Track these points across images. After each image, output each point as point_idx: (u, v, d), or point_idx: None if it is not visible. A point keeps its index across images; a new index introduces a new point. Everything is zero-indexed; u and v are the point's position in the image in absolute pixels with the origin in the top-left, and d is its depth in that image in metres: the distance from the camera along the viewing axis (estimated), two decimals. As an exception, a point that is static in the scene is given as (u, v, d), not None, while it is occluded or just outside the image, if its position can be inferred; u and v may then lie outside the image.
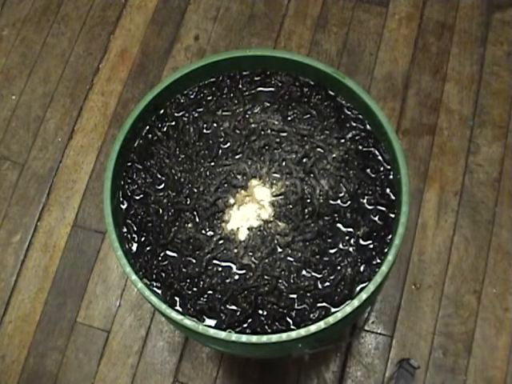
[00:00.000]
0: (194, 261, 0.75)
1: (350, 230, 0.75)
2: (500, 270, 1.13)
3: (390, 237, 0.74)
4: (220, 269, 0.74)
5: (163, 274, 0.75)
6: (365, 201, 0.76)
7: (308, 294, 0.72)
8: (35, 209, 1.24)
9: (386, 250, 0.74)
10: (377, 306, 1.12)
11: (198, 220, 0.77)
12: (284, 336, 0.66)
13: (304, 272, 0.74)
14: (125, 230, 0.77)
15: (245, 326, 0.72)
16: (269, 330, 0.71)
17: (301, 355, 0.75)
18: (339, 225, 0.75)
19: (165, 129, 0.82)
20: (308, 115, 0.81)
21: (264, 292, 0.72)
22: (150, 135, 0.82)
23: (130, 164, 0.81)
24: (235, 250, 0.75)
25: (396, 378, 1.05)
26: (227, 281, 0.73)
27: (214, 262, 0.75)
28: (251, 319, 0.72)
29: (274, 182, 0.77)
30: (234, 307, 0.73)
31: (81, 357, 1.13)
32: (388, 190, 0.77)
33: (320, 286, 0.73)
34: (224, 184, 0.78)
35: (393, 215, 0.75)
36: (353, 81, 0.78)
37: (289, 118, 0.81)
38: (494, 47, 1.29)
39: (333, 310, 0.72)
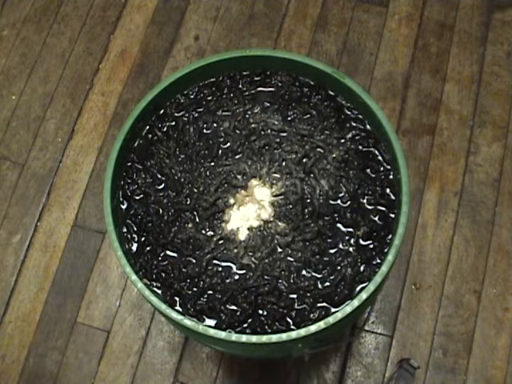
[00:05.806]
0: (194, 261, 0.75)
1: (350, 229, 0.75)
2: (500, 270, 1.13)
3: (389, 237, 0.74)
4: (220, 269, 0.74)
5: (163, 274, 0.75)
6: (365, 201, 0.76)
7: (308, 294, 0.72)
8: (35, 209, 1.24)
9: (385, 250, 0.74)
10: (377, 305, 1.12)
11: (198, 220, 0.77)
12: (284, 336, 0.66)
13: (304, 272, 0.74)
14: (125, 230, 0.77)
15: (245, 325, 0.72)
16: (269, 330, 0.71)
17: (301, 355, 0.75)
18: (339, 225, 0.75)
19: (165, 129, 0.82)
20: (308, 115, 0.81)
21: (264, 292, 0.72)
22: (150, 135, 0.82)
23: (130, 164, 0.81)
24: (235, 250, 0.74)
25: (396, 378, 1.05)
26: (227, 281, 0.73)
27: (214, 261, 0.75)
28: (251, 319, 0.72)
29: (274, 182, 0.77)
30: (234, 307, 0.73)
31: (81, 357, 1.13)
32: (388, 190, 0.77)
33: (320, 286, 0.73)
34: (224, 184, 0.78)
35: (393, 215, 0.75)
36: (353, 81, 0.78)
37: (289, 118, 0.81)
38: (494, 47, 1.29)
39: (333, 309, 0.72)
